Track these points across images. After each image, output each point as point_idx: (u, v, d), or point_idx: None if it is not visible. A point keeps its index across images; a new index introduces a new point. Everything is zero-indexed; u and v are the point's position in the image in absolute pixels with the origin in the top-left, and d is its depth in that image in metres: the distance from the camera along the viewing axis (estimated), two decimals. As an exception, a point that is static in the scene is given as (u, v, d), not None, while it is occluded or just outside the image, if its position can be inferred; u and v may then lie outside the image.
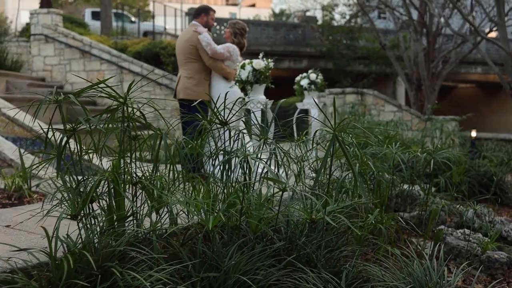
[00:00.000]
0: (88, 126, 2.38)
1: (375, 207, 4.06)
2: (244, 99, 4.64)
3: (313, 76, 6.09)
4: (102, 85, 2.49)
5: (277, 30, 24.52)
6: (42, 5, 11.40)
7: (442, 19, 14.67)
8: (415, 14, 15.90)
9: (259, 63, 4.42)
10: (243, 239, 2.48)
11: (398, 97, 25.90)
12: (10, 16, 32.06)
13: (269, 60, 4.61)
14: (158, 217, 2.60)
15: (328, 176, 2.93)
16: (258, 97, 4.56)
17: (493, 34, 18.43)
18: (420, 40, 15.37)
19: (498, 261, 3.58)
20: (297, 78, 6.25)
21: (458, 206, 4.97)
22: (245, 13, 52.52)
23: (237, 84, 4.64)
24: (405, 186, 4.76)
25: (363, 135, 4.71)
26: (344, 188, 3.43)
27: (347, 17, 23.90)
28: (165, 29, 20.60)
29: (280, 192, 3.09)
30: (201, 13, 6.23)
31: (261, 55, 4.67)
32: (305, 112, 6.38)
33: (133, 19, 22.94)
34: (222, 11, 50.17)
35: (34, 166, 2.60)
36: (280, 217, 2.64)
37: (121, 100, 2.45)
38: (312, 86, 6.11)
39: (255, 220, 2.34)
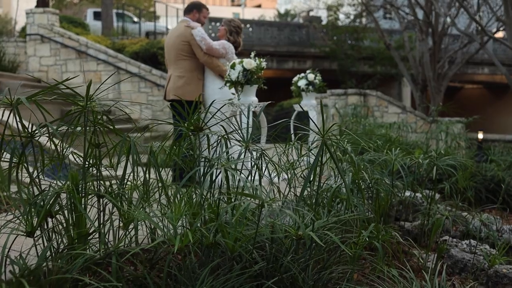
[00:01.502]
0: (42, 131, 2.11)
1: (374, 217, 3.80)
2: (233, 101, 4.35)
3: (311, 76, 5.77)
4: (62, 86, 2.22)
5: (281, 30, 24.23)
6: (38, 5, 11.15)
7: (448, 19, 14.35)
8: (420, 14, 15.60)
9: (250, 62, 4.11)
10: (218, 259, 2.21)
11: (403, 98, 25.58)
12: (16, 17, 31.90)
13: (261, 59, 4.31)
14: (126, 233, 2.33)
15: (317, 186, 2.65)
16: (249, 99, 4.26)
17: (500, 34, 18.12)
18: (426, 40, 15.07)
19: (507, 276, 3.31)
20: (295, 79, 5.93)
21: (464, 214, 4.70)
22: (250, 13, 52.28)
23: (227, 85, 4.34)
24: (407, 193, 4.49)
25: (364, 139, 4.45)
26: (339, 197, 3.15)
27: (352, 17, 23.61)
28: (167, 29, 20.36)
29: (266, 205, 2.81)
30: (193, 9, 5.90)
31: (252, 54, 4.37)
32: (305, 114, 6.10)
33: (135, 19, 22.72)
34: (226, 12, 50.09)
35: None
36: (266, 232, 2.37)
37: (81, 103, 2.17)
38: (310, 87, 5.79)
39: (231, 239, 2.06)
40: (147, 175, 2.61)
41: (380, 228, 3.06)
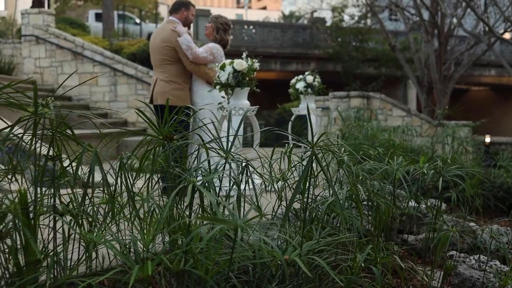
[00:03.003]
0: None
1: (375, 232, 3.51)
2: (222, 105, 4.04)
3: (309, 78, 5.44)
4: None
5: (285, 31, 23.92)
6: (33, 5, 10.86)
7: (454, 19, 14.02)
8: (426, 15, 15.28)
9: (241, 63, 3.78)
10: (191, 288, 1.91)
11: (409, 100, 25.23)
12: (14, 17, 31.94)
13: (254, 60, 3.98)
14: (85, 258, 2.03)
15: (307, 200, 2.35)
16: (240, 103, 3.93)
17: (507, 35, 17.77)
18: (432, 41, 14.73)
19: (520, 298, 3.00)
20: (293, 81, 5.59)
21: (472, 224, 4.41)
22: (256, 15, 52.05)
23: (217, 87, 4.01)
24: (412, 203, 4.19)
25: (364, 146, 4.14)
26: (334, 211, 2.84)
27: (356, 18, 23.29)
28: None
29: (256, 219, 2.53)
30: (181, 8, 5.56)
31: (244, 54, 4.06)
32: (303, 118, 5.79)
33: (137, 20, 22.54)
34: (229, 13, 49.93)
35: None
36: (248, 255, 2.07)
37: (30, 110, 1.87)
38: (309, 90, 5.46)
39: (202, 270, 1.76)
40: (113, 190, 2.33)
41: (379, 247, 2.76)
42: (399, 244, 3.82)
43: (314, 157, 2.16)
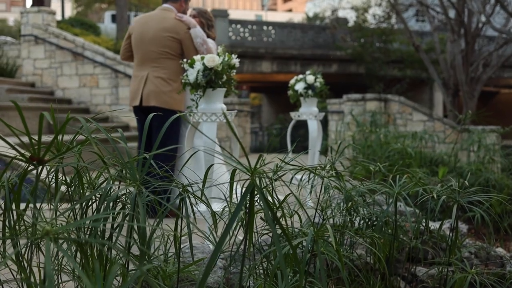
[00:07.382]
0: None
1: (374, 264, 2.84)
2: (191, 108, 3.36)
3: (310, 78, 4.72)
4: None
5: (305, 32, 23.18)
6: (33, 3, 10.33)
7: (482, 17, 13.14)
8: (452, 13, 14.42)
9: (213, 58, 3.05)
10: None
11: (435, 103, 24.29)
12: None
13: (232, 55, 3.25)
14: None
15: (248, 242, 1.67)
16: (213, 107, 3.19)
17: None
18: (458, 41, 13.85)
19: None
20: (292, 81, 4.86)
21: (498, 250, 3.69)
22: (280, 17, 51.55)
23: (188, 88, 3.29)
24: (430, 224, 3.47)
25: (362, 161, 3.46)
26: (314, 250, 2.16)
27: (379, 18, 22.45)
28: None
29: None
30: None
31: (219, 48, 3.35)
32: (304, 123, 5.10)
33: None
34: (248, 14, 49.81)
35: None
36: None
37: None
38: (309, 91, 4.74)
39: None
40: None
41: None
42: (406, 280, 3.12)
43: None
